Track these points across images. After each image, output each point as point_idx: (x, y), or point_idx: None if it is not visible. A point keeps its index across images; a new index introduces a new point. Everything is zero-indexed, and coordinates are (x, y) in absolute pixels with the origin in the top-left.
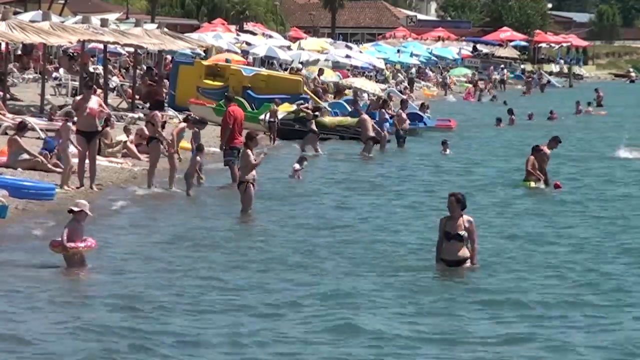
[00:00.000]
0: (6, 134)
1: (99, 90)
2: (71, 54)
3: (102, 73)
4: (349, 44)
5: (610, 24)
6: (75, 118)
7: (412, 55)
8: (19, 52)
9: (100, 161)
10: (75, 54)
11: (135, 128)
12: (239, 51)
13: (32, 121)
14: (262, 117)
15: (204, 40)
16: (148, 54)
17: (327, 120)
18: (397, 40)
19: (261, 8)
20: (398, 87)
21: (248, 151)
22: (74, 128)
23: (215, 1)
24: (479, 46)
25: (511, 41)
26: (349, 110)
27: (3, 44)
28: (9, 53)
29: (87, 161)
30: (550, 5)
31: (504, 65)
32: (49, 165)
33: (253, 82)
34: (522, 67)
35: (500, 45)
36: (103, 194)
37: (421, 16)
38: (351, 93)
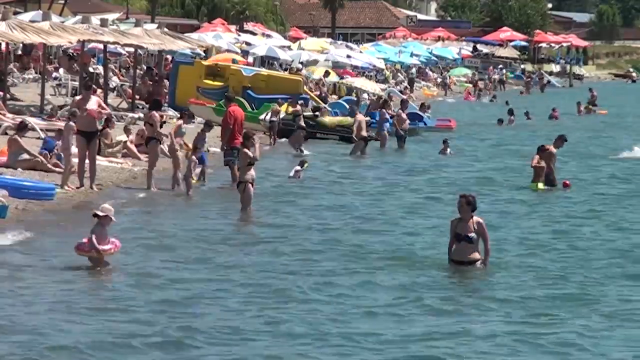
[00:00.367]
0: (6, 134)
1: (99, 90)
2: (71, 54)
3: (102, 73)
4: (350, 44)
5: (610, 24)
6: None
7: (412, 55)
8: (19, 52)
9: (100, 161)
10: (75, 54)
11: (135, 128)
12: (239, 51)
13: (32, 121)
14: (263, 117)
15: (204, 40)
16: (149, 55)
17: (327, 120)
18: (397, 40)
19: (261, 8)
20: (398, 87)
21: (245, 150)
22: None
23: (215, 1)
24: (479, 46)
25: (511, 41)
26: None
27: (3, 44)
28: (9, 53)
29: (87, 161)
30: (550, 5)
31: (504, 65)
32: (49, 165)
33: (253, 82)
34: (522, 67)
35: (500, 45)
36: (103, 194)
37: (421, 16)
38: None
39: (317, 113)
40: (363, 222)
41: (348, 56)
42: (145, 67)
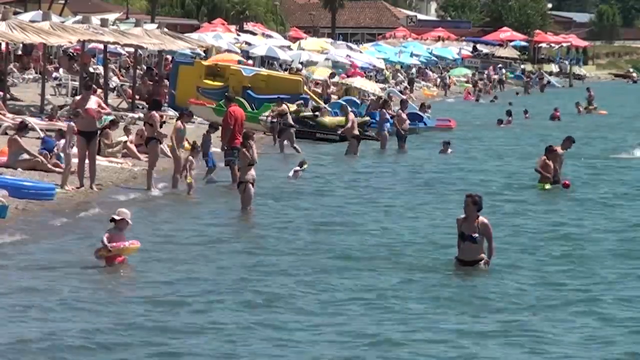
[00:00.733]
0: (6, 134)
1: (99, 90)
2: (71, 54)
3: (102, 73)
4: (350, 44)
5: (610, 24)
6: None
7: (412, 55)
8: (19, 52)
9: (100, 161)
10: (75, 54)
11: (135, 128)
12: (239, 51)
13: (32, 121)
14: (263, 117)
15: (204, 40)
16: (148, 55)
17: (327, 120)
18: (397, 40)
19: (261, 8)
20: (398, 87)
21: (244, 150)
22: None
23: (215, 1)
24: (479, 46)
25: (511, 41)
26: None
27: (3, 44)
28: (9, 53)
29: (87, 161)
30: (550, 5)
31: (503, 65)
32: (49, 165)
33: (253, 82)
34: (522, 67)
35: (500, 45)
36: (103, 194)
37: (421, 16)
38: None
39: (317, 113)
40: (364, 222)
41: (348, 56)
42: (145, 67)
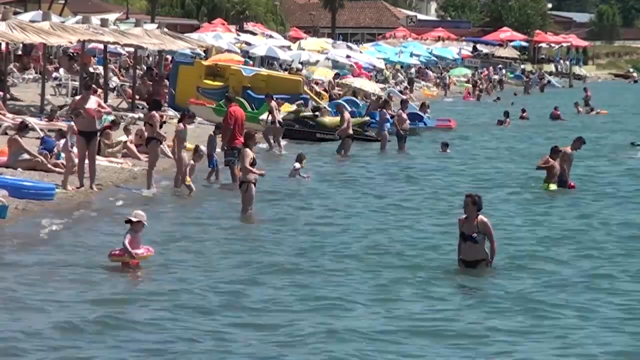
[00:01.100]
0: (6, 134)
1: (100, 90)
2: (71, 54)
3: (102, 73)
4: (350, 44)
5: (610, 24)
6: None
7: (412, 55)
8: (19, 52)
9: (100, 161)
10: (75, 54)
11: (135, 128)
12: (239, 51)
13: (32, 121)
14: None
15: (204, 40)
16: (148, 55)
17: (327, 120)
18: (397, 40)
19: (261, 8)
20: (398, 87)
21: (247, 150)
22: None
23: (215, 1)
24: (479, 46)
25: (511, 41)
26: (349, 110)
27: (3, 44)
28: (9, 53)
29: (87, 161)
30: (550, 5)
31: (503, 65)
32: (49, 165)
33: (253, 82)
34: (522, 67)
35: (500, 45)
36: (103, 194)
37: (421, 16)
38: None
39: (317, 113)
40: (363, 222)
41: (348, 56)
42: (145, 67)
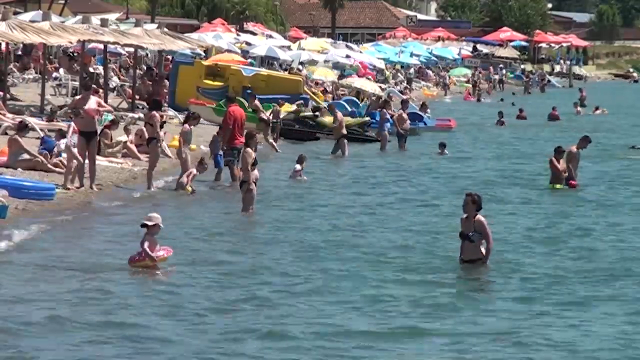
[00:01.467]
0: (6, 134)
1: (100, 90)
2: (71, 54)
3: (102, 73)
4: (350, 44)
5: (610, 24)
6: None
7: (412, 55)
8: (20, 52)
9: (100, 161)
10: (75, 54)
11: (135, 128)
12: (239, 51)
13: (32, 121)
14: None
15: (204, 40)
16: (147, 55)
17: (327, 120)
18: (397, 40)
19: (261, 8)
20: (398, 87)
21: (249, 150)
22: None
23: (215, 1)
24: (479, 46)
25: (511, 41)
26: (349, 110)
27: (3, 44)
28: (9, 53)
29: (87, 161)
30: (550, 5)
31: (503, 65)
32: (49, 165)
33: (253, 82)
34: (522, 67)
35: (500, 45)
36: (103, 194)
37: (421, 16)
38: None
39: (317, 113)
40: (364, 222)
41: (347, 56)
42: (145, 67)
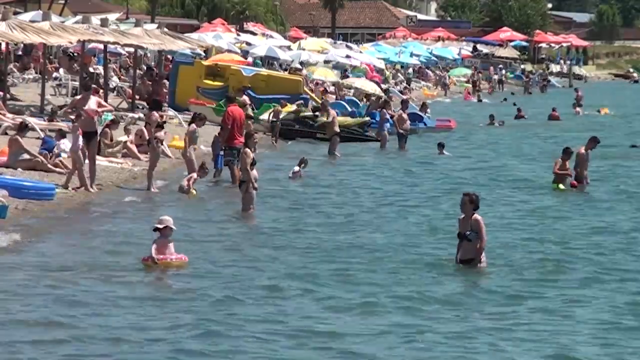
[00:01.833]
0: (6, 134)
1: (100, 90)
2: (71, 54)
3: (102, 73)
4: (350, 44)
5: (610, 24)
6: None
7: (412, 55)
8: (20, 53)
9: (100, 161)
10: (75, 54)
11: (135, 128)
12: (239, 51)
13: (32, 121)
14: (263, 117)
15: (204, 40)
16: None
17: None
18: (397, 40)
19: (261, 8)
20: (398, 88)
21: (247, 150)
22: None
23: (215, 1)
24: (479, 46)
25: (511, 41)
26: (349, 110)
27: (3, 44)
28: (9, 53)
29: (87, 161)
30: (550, 5)
31: (503, 65)
32: (49, 165)
33: (253, 82)
34: (522, 67)
35: (500, 45)
36: (103, 194)
37: (421, 16)
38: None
39: (317, 113)
40: (364, 223)
41: (347, 56)
42: (145, 67)
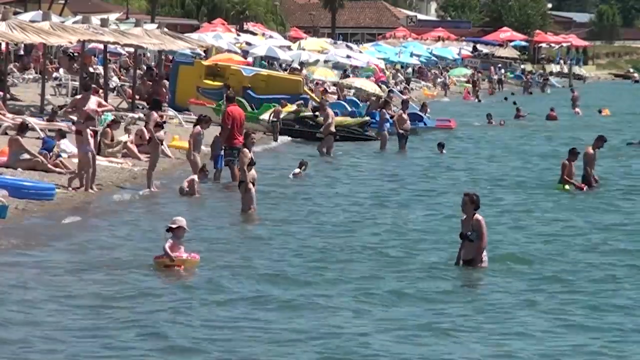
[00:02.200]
0: (6, 134)
1: (100, 90)
2: (71, 54)
3: (102, 73)
4: (350, 44)
5: (610, 24)
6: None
7: (412, 55)
8: (21, 53)
9: (100, 161)
10: (75, 54)
11: (135, 128)
12: (239, 51)
13: (32, 121)
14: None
15: (204, 40)
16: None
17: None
18: (397, 40)
19: (261, 8)
20: (398, 88)
21: (245, 150)
22: (74, 128)
23: (215, 1)
24: (479, 46)
25: (511, 41)
26: (349, 110)
27: (3, 44)
28: (9, 53)
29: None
30: (550, 5)
31: (503, 65)
32: (49, 165)
33: (253, 82)
34: (522, 67)
35: (500, 45)
36: (103, 194)
37: (421, 16)
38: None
39: (317, 113)
40: (364, 223)
41: (348, 56)
42: (145, 67)
